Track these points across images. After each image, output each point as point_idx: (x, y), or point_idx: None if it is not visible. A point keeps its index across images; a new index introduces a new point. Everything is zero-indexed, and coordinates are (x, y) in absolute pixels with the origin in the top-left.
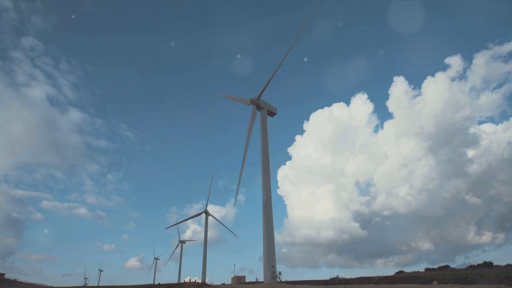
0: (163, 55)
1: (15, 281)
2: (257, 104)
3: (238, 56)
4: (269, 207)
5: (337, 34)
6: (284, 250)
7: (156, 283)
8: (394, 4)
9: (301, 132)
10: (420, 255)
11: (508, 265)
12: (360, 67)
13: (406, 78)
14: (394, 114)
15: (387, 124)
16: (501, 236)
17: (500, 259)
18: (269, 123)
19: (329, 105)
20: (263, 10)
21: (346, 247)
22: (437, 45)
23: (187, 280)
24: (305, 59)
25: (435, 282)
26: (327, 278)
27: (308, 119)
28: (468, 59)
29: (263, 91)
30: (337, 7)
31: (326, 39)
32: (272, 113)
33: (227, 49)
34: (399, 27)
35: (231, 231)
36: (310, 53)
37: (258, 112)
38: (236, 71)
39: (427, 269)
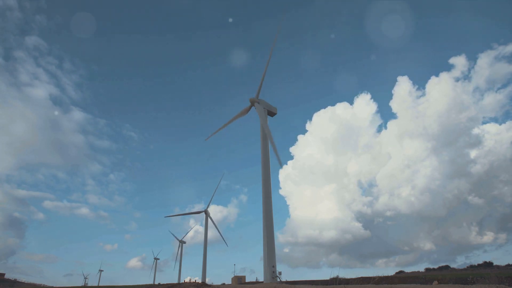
0: (166, 55)
1: (15, 281)
2: (258, 103)
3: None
4: (269, 207)
5: (340, 34)
6: (286, 250)
7: (156, 283)
8: (398, 4)
9: (304, 131)
10: (422, 255)
11: (508, 265)
12: (363, 66)
13: (410, 78)
14: (397, 114)
15: (391, 124)
16: (502, 236)
17: (501, 259)
18: (271, 123)
19: (332, 104)
20: (265, 10)
21: (348, 247)
22: (441, 45)
23: (187, 280)
24: (307, 59)
25: (435, 282)
26: (328, 278)
27: (311, 119)
28: (472, 59)
29: (259, 90)
30: (341, 6)
31: (329, 39)
32: (272, 113)
33: (230, 49)
34: (403, 26)
35: (224, 239)
36: (313, 52)
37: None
38: (238, 71)
39: (427, 269)
